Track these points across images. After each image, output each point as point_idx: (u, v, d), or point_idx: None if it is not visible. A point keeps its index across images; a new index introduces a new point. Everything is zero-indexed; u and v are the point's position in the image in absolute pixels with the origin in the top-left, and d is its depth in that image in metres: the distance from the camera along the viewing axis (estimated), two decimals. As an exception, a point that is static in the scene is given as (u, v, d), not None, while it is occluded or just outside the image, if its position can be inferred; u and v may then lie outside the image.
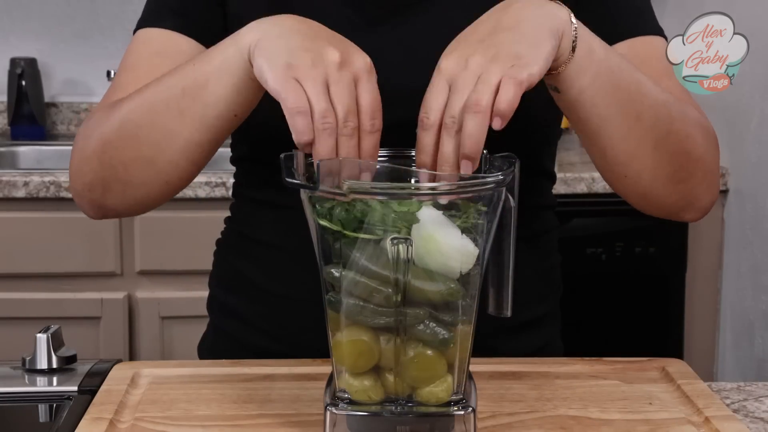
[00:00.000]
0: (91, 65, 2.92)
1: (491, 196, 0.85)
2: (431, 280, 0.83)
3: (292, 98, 0.83)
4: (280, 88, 0.85)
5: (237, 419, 0.95)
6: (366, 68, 0.89)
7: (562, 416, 0.96)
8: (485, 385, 1.02)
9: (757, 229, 2.30)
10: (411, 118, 1.11)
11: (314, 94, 0.84)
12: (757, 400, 1.03)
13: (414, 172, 0.89)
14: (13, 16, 2.92)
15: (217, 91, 0.95)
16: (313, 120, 0.83)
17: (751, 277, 2.34)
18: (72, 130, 2.96)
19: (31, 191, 2.29)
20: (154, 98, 1.00)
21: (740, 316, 2.40)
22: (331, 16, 1.13)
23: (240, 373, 1.06)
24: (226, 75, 0.93)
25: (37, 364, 1.08)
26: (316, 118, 0.83)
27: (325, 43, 0.88)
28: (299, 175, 0.85)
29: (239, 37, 0.93)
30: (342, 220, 0.83)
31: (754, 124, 2.30)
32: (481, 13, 1.14)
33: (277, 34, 0.90)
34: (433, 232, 0.82)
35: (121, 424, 0.94)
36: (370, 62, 0.89)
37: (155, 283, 2.36)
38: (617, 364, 1.09)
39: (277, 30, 0.91)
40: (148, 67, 1.12)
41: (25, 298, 2.34)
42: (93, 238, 2.33)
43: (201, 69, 0.96)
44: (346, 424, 0.87)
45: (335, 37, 0.91)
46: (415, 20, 1.13)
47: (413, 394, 0.87)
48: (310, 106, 0.84)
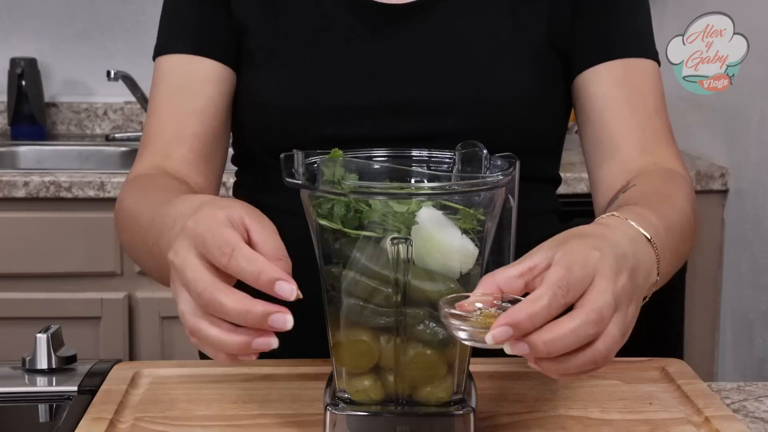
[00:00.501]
0: (91, 65, 2.92)
1: (491, 196, 0.85)
2: (431, 280, 0.83)
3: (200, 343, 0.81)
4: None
5: (237, 419, 0.95)
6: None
7: (562, 416, 0.96)
8: (485, 385, 1.01)
9: (757, 229, 2.30)
10: (413, 131, 1.12)
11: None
12: (757, 400, 1.03)
13: (414, 172, 0.89)
14: (13, 16, 2.92)
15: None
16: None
17: (751, 277, 2.33)
18: (72, 130, 2.96)
19: (31, 191, 2.29)
20: (135, 233, 1.03)
21: (740, 316, 2.40)
22: (333, 24, 1.14)
23: (240, 373, 1.06)
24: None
25: (37, 364, 1.08)
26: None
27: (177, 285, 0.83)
28: (299, 175, 0.85)
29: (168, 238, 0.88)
30: (342, 218, 0.83)
31: (754, 124, 2.30)
32: (481, 22, 1.14)
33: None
34: (433, 232, 0.82)
35: (121, 424, 0.94)
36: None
37: (155, 283, 2.33)
38: (617, 364, 1.09)
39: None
40: (170, 108, 1.16)
41: (25, 298, 2.34)
42: (93, 238, 2.33)
43: (157, 240, 0.93)
44: (346, 424, 0.87)
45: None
46: (416, 28, 1.13)
47: (413, 394, 0.86)
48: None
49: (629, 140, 1.12)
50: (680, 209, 1.02)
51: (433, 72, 1.13)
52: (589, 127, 1.15)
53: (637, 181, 1.07)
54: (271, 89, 1.14)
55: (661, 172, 1.09)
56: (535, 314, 0.74)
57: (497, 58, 1.13)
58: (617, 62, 1.14)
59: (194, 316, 0.78)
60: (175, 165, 1.13)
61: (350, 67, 1.13)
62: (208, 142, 1.15)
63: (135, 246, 1.04)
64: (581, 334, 0.75)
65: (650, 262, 0.88)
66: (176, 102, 1.15)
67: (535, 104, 1.14)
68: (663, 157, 1.12)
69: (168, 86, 1.16)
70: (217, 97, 1.15)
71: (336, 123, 1.12)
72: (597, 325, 0.76)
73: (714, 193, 2.43)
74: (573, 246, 0.80)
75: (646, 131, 1.12)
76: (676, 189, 1.05)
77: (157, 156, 1.14)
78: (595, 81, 1.14)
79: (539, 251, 0.80)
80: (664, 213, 0.96)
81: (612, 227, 0.87)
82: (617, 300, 0.78)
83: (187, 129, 1.14)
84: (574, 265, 0.77)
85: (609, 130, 1.13)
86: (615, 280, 0.79)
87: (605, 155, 1.13)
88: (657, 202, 0.99)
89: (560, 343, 0.75)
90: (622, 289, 0.79)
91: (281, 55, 1.14)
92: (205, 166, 1.15)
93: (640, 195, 1.02)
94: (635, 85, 1.13)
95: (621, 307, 0.79)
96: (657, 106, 1.14)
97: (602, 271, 0.78)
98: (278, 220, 1.16)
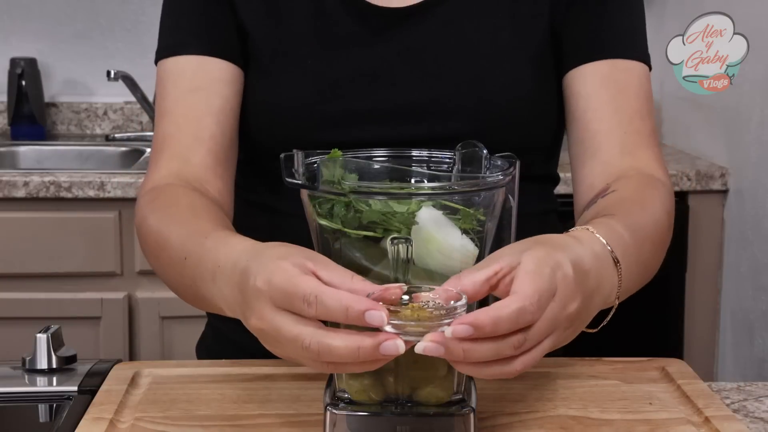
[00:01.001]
0: (91, 65, 2.92)
1: (491, 196, 0.85)
2: (431, 280, 0.83)
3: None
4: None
5: (237, 419, 0.95)
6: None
7: (562, 416, 0.96)
8: (485, 385, 1.01)
9: (757, 229, 2.30)
10: (416, 134, 1.12)
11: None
12: (757, 400, 1.03)
13: (414, 172, 0.89)
14: (13, 16, 2.92)
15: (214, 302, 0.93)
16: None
17: (751, 277, 2.33)
18: (72, 130, 2.96)
19: (31, 191, 2.29)
20: (164, 263, 1.02)
21: (740, 316, 2.40)
22: (334, 28, 1.13)
23: (240, 373, 1.06)
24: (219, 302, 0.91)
25: (37, 364, 1.08)
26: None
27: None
28: (299, 175, 0.85)
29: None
30: (342, 218, 0.83)
31: (754, 124, 2.30)
32: (482, 23, 1.14)
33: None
34: (433, 232, 0.82)
35: (121, 424, 0.94)
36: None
37: (155, 283, 2.35)
38: (617, 364, 1.09)
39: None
40: (185, 110, 1.14)
41: (25, 298, 2.34)
42: (93, 238, 2.33)
43: (194, 283, 0.95)
44: (346, 424, 0.87)
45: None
46: (417, 31, 1.13)
47: (413, 394, 0.86)
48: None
49: (611, 141, 1.12)
50: (656, 221, 1.02)
51: (436, 75, 1.12)
52: (574, 125, 1.15)
53: (617, 187, 1.07)
54: (273, 93, 1.14)
55: (641, 178, 1.09)
56: (501, 322, 0.75)
57: (499, 59, 1.13)
58: (605, 62, 1.14)
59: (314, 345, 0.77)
60: (195, 171, 1.11)
61: (352, 71, 1.13)
62: (224, 143, 1.14)
63: (166, 274, 1.04)
64: (501, 352, 0.77)
65: (611, 286, 0.89)
66: (192, 103, 1.13)
67: (537, 104, 1.15)
68: (644, 161, 1.12)
69: (181, 88, 1.14)
70: (231, 97, 1.14)
71: (338, 127, 1.12)
72: (518, 349, 0.77)
73: (714, 193, 2.43)
74: (539, 256, 0.80)
75: (629, 133, 1.12)
76: (655, 198, 1.06)
77: (175, 162, 1.12)
78: (582, 80, 1.14)
79: (504, 256, 0.81)
80: (638, 227, 0.97)
81: (582, 243, 0.87)
82: (556, 325, 0.79)
83: (205, 131, 1.12)
84: (546, 278, 0.78)
85: (591, 129, 1.13)
86: (566, 306, 0.80)
87: (587, 155, 1.14)
88: (633, 215, 0.99)
89: (477, 353, 0.76)
90: (567, 316, 0.81)
91: (283, 59, 1.14)
92: (222, 169, 1.14)
93: (617, 204, 1.02)
94: (620, 86, 1.13)
95: (557, 330, 0.80)
96: (641, 108, 1.14)
97: (558, 294, 0.79)
98: (278, 221, 1.17)
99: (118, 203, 2.32)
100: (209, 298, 0.91)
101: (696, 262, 2.46)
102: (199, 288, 0.93)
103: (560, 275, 0.80)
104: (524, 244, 0.83)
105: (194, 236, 0.96)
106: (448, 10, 1.13)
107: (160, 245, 1.02)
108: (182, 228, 0.99)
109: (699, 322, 2.50)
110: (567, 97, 1.16)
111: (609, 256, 0.89)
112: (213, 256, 0.90)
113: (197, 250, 0.93)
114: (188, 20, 1.16)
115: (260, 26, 1.15)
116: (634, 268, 0.94)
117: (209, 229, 0.96)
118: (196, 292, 0.94)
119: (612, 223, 0.94)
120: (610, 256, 0.89)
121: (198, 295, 0.94)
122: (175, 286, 1.03)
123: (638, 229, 0.97)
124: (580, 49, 1.14)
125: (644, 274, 1.00)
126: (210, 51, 1.14)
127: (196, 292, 0.94)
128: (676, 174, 2.39)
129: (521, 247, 0.82)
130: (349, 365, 0.78)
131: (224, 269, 0.87)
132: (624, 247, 0.92)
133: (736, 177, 2.40)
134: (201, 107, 1.13)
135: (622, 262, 0.90)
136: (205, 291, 0.92)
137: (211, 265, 0.89)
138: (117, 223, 2.32)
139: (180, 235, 0.99)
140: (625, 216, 0.97)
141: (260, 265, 0.80)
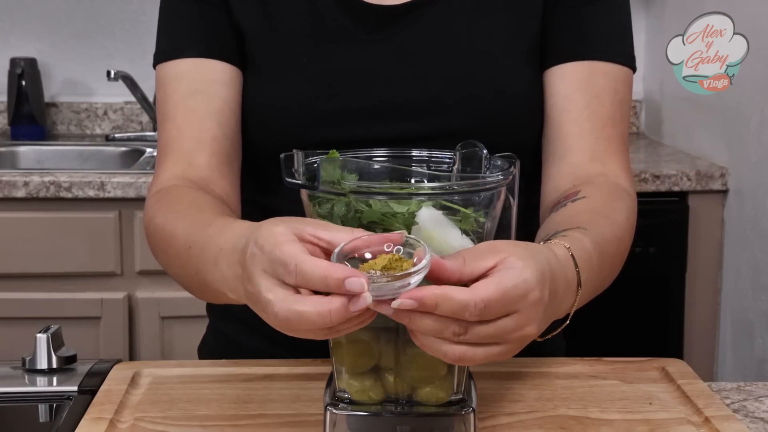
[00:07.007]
0: (91, 65, 2.92)
1: (491, 196, 0.85)
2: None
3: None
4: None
5: (237, 419, 0.95)
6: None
7: (562, 416, 0.96)
8: (485, 385, 1.02)
9: (757, 229, 2.30)
10: (412, 131, 1.12)
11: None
12: (757, 400, 1.03)
13: (414, 172, 0.89)
14: (13, 16, 2.92)
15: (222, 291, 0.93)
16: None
17: (751, 277, 2.33)
18: (72, 130, 2.96)
19: (31, 191, 2.29)
20: (171, 256, 1.03)
21: (740, 316, 2.40)
22: (328, 27, 1.13)
23: (240, 373, 1.06)
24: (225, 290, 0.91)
25: (37, 364, 1.08)
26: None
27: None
28: (299, 175, 0.85)
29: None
30: (342, 218, 0.83)
31: (754, 124, 2.30)
32: (477, 21, 1.14)
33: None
34: (433, 232, 0.82)
35: (121, 424, 0.94)
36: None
37: (155, 283, 2.36)
38: (617, 364, 1.09)
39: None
40: (186, 113, 1.14)
41: (25, 298, 2.34)
42: (93, 238, 2.33)
43: (197, 272, 0.95)
44: (346, 424, 0.87)
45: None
46: (412, 28, 1.13)
47: (413, 394, 0.87)
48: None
49: (582, 145, 1.13)
50: (619, 240, 1.03)
51: (431, 72, 1.13)
52: (548, 122, 1.16)
53: (587, 193, 1.07)
54: (268, 93, 1.14)
55: (609, 187, 1.10)
56: (443, 306, 0.76)
57: (494, 57, 1.13)
58: (585, 64, 1.14)
59: (284, 303, 0.77)
60: (199, 172, 1.12)
61: (347, 70, 1.13)
62: (227, 144, 1.14)
63: (172, 268, 1.05)
64: (441, 333, 0.77)
65: (567, 307, 0.91)
66: (192, 106, 1.14)
67: (532, 101, 1.15)
68: (612, 169, 1.13)
69: (181, 91, 1.15)
70: (231, 98, 1.15)
71: (334, 125, 1.12)
72: (457, 337, 0.78)
73: (714, 193, 2.43)
74: (525, 277, 0.79)
75: (600, 139, 1.13)
76: (622, 211, 1.07)
77: (179, 165, 1.12)
78: (561, 79, 1.15)
79: (491, 253, 0.80)
80: (604, 246, 0.98)
81: (561, 264, 0.87)
82: (506, 339, 0.80)
83: (207, 133, 1.13)
84: (508, 296, 0.78)
85: (564, 131, 1.14)
86: (523, 327, 0.80)
87: (556, 155, 1.14)
88: (603, 232, 1.00)
89: (419, 324, 0.77)
90: (521, 336, 0.81)
91: (277, 58, 1.14)
92: (227, 169, 1.14)
93: (588, 215, 1.03)
94: (597, 90, 1.14)
95: (505, 344, 0.81)
96: (615, 113, 1.14)
97: (521, 314, 0.79)
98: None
99: (118, 203, 2.32)
100: (212, 283, 0.91)
101: (696, 262, 2.46)
102: (203, 276, 0.93)
103: (532, 299, 0.80)
104: (528, 256, 0.82)
105: (198, 225, 0.97)
106: (443, 7, 1.13)
107: (166, 241, 1.03)
108: (187, 221, 1.00)
109: (699, 322, 2.50)
110: (546, 92, 1.16)
111: (575, 280, 0.90)
112: (216, 241, 0.90)
113: (200, 238, 0.94)
114: (184, 23, 1.17)
115: (255, 26, 1.15)
116: (590, 291, 0.95)
117: (212, 219, 0.97)
118: (201, 281, 0.95)
119: (585, 242, 0.94)
120: (576, 279, 0.90)
121: (203, 283, 0.94)
122: (182, 279, 1.04)
123: (604, 249, 0.98)
124: (564, 47, 1.15)
125: (595, 294, 1.00)
126: (207, 53, 1.15)
127: (201, 281, 0.95)
128: (676, 174, 2.39)
129: (525, 254, 0.81)
130: (333, 329, 0.77)
131: (225, 251, 0.87)
132: (589, 271, 0.93)
133: (736, 177, 2.40)
134: (201, 110, 1.13)
135: (584, 286, 0.91)
136: (209, 277, 0.92)
137: (214, 249, 0.90)
138: (117, 223, 2.32)
139: (184, 227, 0.99)
140: (595, 233, 0.98)
141: (258, 233, 0.81)
